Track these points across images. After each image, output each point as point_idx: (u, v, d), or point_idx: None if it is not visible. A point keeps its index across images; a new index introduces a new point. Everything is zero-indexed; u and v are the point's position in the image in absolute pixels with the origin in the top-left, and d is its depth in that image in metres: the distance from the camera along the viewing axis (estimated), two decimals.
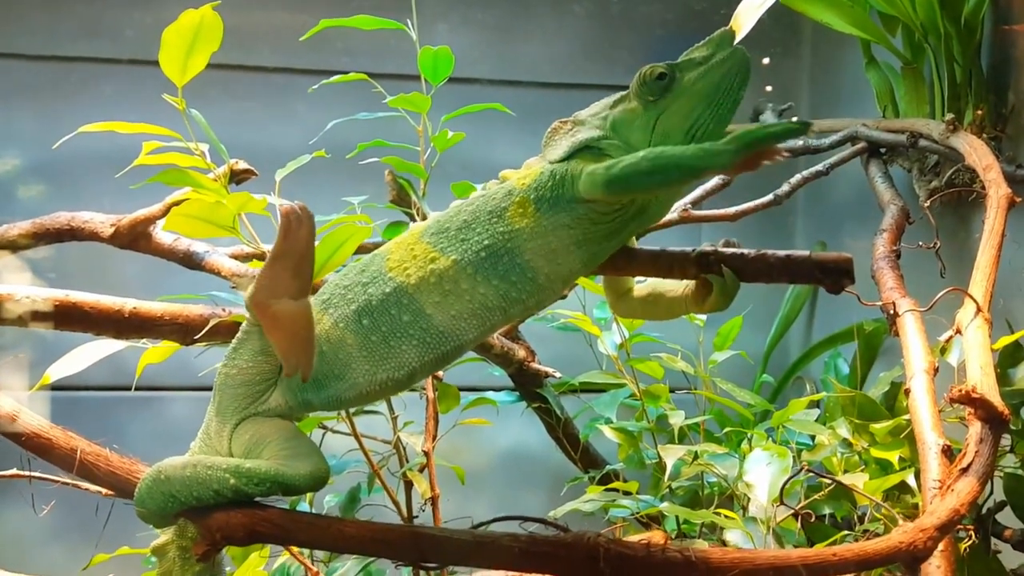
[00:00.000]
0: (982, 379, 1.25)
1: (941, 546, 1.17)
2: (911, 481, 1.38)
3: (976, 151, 1.78)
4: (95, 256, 1.97)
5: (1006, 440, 1.58)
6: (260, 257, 1.59)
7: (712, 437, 1.86)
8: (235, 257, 1.71)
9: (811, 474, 1.39)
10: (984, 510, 1.56)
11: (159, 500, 0.98)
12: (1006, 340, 1.49)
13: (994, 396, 1.20)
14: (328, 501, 1.85)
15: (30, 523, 1.64)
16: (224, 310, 1.41)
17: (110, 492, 1.03)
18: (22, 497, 1.32)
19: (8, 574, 1.33)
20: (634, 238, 1.10)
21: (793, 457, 1.70)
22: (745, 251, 0.98)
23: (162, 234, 1.78)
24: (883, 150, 2.20)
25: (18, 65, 2.41)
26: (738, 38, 1.87)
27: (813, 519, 1.53)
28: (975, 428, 1.18)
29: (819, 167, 2.17)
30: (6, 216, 2.05)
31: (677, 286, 1.09)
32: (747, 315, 2.73)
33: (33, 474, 1.11)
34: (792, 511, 1.52)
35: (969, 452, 1.14)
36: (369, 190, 1.86)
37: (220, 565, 1.06)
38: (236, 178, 1.66)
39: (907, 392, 1.34)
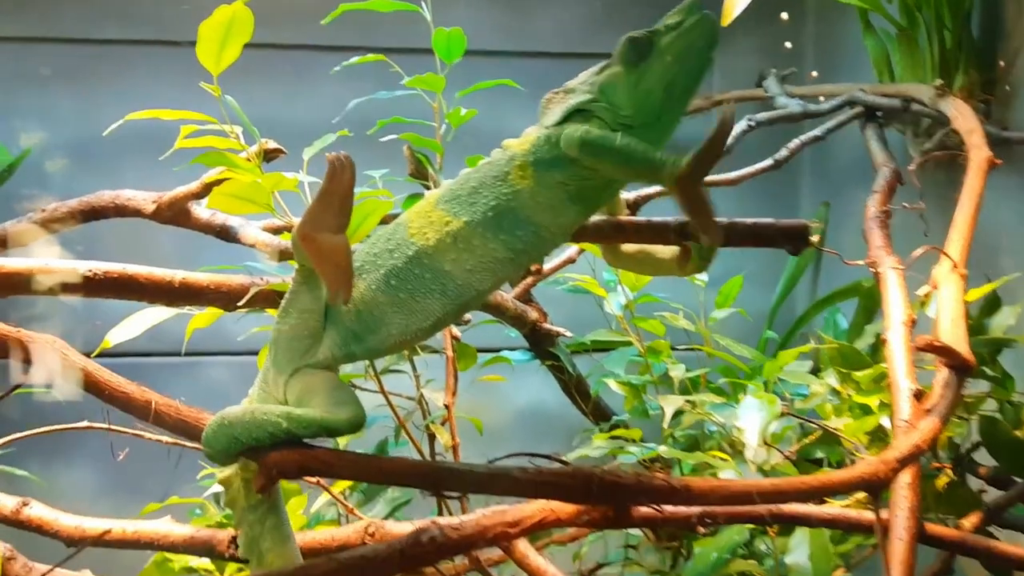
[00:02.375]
0: (951, 330, 1.37)
1: (908, 478, 1.30)
2: (886, 423, 1.51)
3: (962, 115, 1.89)
4: (131, 232, 2.10)
5: (986, 386, 1.71)
6: (290, 229, 1.73)
7: (716, 390, 1.99)
8: (267, 230, 1.84)
9: (793, 418, 1.52)
10: (963, 450, 1.68)
11: (223, 442, 1.14)
12: (976, 293, 1.60)
13: (961, 345, 1.32)
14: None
15: (92, 476, 1.81)
16: (262, 279, 1.55)
17: (174, 441, 1.18)
18: (84, 453, 1.48)
19: (77, 517, 1.49)
20: (625, 207, 1.23)
21: (787, 405, 1.84)
22: (719, 219, 1.10)
23: (200, 209, 1.92)
24: (879, 114, 2.30)
25: (58, 48, 2.53)
26: (733, 15, 1.98)
27: (805, 461, 1.67)
28: (942, 374, 1.30)
29: (816, 131, 2.27)
30: (50, 194, 2.20)
31: (664, 248, 1.22)
32: (753, 275, 2.84)
33: (108, 426, 1.26)
34: (784, 454, 1.65)
35: (934, 395, 1.27)
36: (389, 164, 1.97)
37: (278, 496, 1.22)
38: (267, 157, 1.79)
39: (884, 342, 1.46)
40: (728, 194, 2.63)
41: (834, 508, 1.35)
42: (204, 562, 1.66)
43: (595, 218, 1.25)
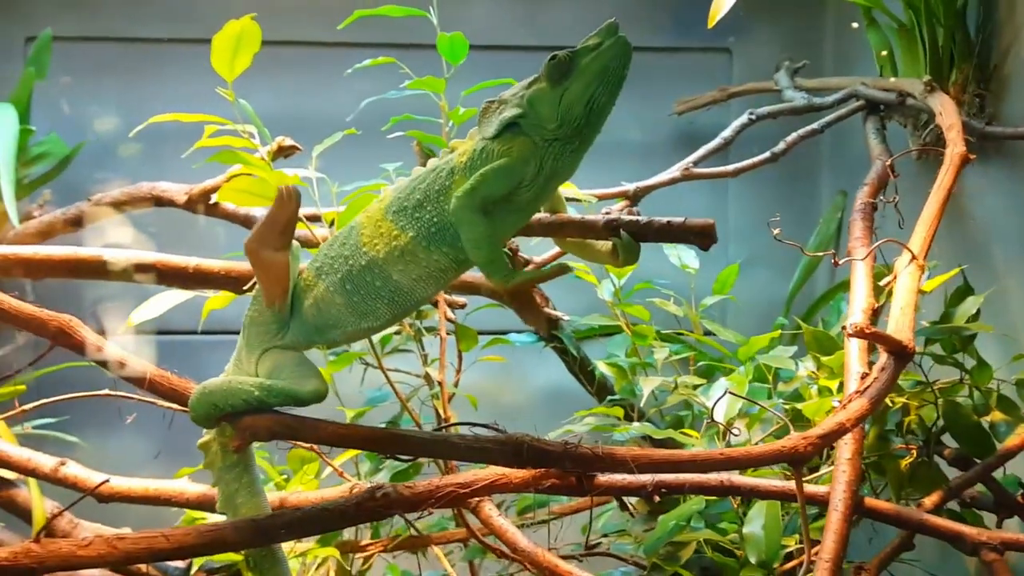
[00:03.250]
0: (899, 317, 1.46)
1: (848, 454, 1.40)
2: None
3: (945, 110, 1.95)
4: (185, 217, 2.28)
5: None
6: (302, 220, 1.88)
7: (709, 371, 2.08)
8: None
9: (746, 401, 1.62)
10: (932, 431, 1.76)
11: (205, 407, 1.30)
12: (933, 283, 1.68)
13: (903, 332, 1.41)
14: None
15: (140, 443, 1.98)
16: None
17: (172, 406, 1.35)
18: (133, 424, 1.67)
19: (122, 478, 1.68)
20: (565, 204, 1.35)
21: (769, 389, 1.94)
22: (639, 219, 1.21)
23: (226, 203, 2.09)
24: (882, 108, 2.36)
25: (103, 47, 2.72)
26: (717, 18, 2.06)
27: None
28: (882, 359, 1.40)
29: (815, 125, 2.34)
30: (98, 181, 2.40)
31: (602, 242, 1.34)
32: (772, 262, 2.92)
33: (117, 393, 1.43)
34: (767, 435, 1.76)
35: (869, 378, 1.36)
36: (402, 157, 2.10)
37: (251, 457, 1.38)
38: (283, 153, 1.95)
39: (843, 329, 1.55)
40: (749, 185, 2.73)
41: (781, 481, 1.45)
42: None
43: (537, 216, 1.37)
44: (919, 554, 1.72)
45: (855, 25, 2.55)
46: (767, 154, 2.29)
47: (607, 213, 1.29)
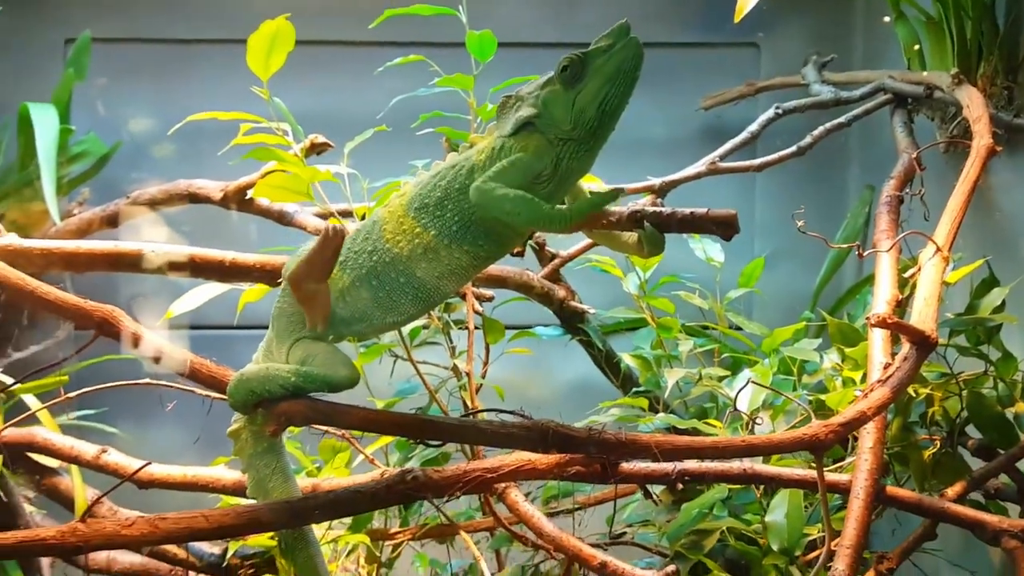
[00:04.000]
0: (923, 308, 1.48)
1: (870, 443, 1.42)
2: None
3: (972, 103, 1.95)
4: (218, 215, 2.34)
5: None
6: (333, 215, 1.93)
7: (736, 363, 2.10)
8: (318, 215, 2.05)
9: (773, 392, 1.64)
10: (956, 423, 1.77)
11: (242, 394, 1.35)
12: (957, 275, 1.69)
13: (925, 323, 1.42)
14: None
15: (180, 434, 2.04)
16: None
17: (210, 394, 1.40)
18: (173, 414, 1.72)
19: (161, 465, 1.73)
20: (588, 196, 1.37)
21: (794, 381, 1.95)
22: (662, 210, 1.24)
23: (261, 198, 2.14)
24: (910, 101, 2.36)
25: (140, 48, 2.78)
26: (744, 13, 2.08)
27: None
28: (905, 349, 1.41)
29: (841, 119, 2.34)
30: (135, 180, 2.46)
31: (628, 233, 1.36)
32: (799, 256, 2.92)
33: (158, 383, 1.48)
34: (791, 426, 1.77)
35: (891, 368, 1.38)
36: (430, 153, 2.14)
37: (281, 443, 1.42)
38: (316, 150, 2.00)
39: (867, 320, 1.57)
40: (776, 179, 2.74)
41: (804, 470, 1.47)
42: None
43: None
44: (942, 544, 1.73)
45: (887, 19, 2.55)
46: (793, 148, 2.30)
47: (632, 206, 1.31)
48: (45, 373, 1.65)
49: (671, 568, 1.55)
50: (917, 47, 2.35)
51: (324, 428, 1.87)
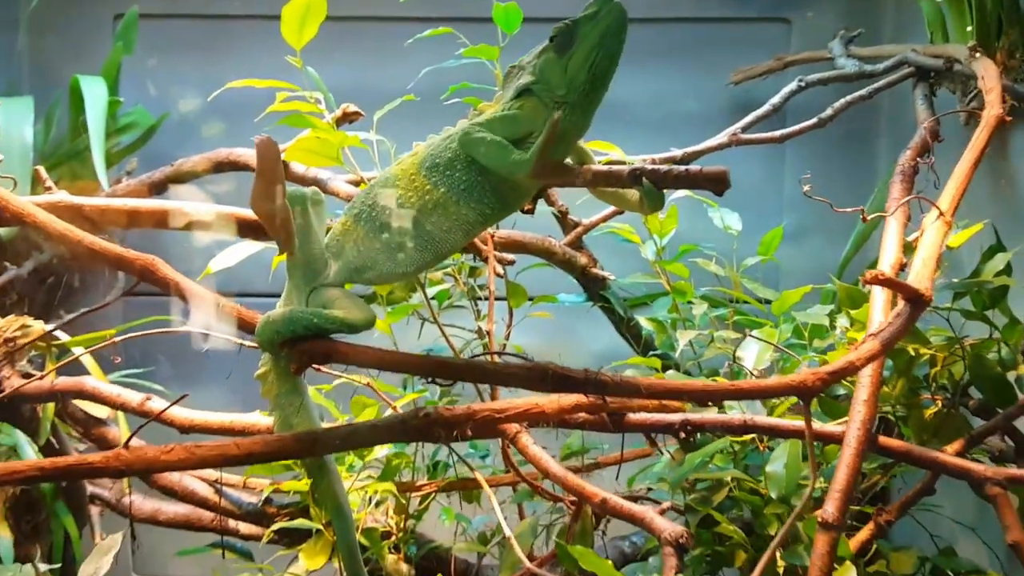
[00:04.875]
0: (921, 269, 1.53)
1: (865, 395, 1.49)
2: None
3: (987, 74, 1.99)
4: None
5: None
6: (365, 181, 2.03)
7: (751, 324, 2.16)
8: (350, 183, 2.15)
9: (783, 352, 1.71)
10: (959, 384, 1.83)
11: (268, 334, 1.46)
12: (960, 238, 1.73)
13: (920, 282, 1.48)
14: None
15: (222, 393, 2.17)
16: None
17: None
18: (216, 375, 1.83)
19: (186, 409, 1.86)
20: (592, 157, 1.45)
21: (805, 344, 2.02)
22: (659, 167, 1.31)
23: (296, 165, 2.25)
24: (931, 74, 2.39)
25: (183, 23, 2.91)
26: None
27: None
28: (899, 306, 1.47)
29: (863, 91, 2.38)
30: (182, 149, 2.58)
31: (631, 191, 1.44)
32: (827, 230, 2.96)
33: (194, 329, 1.60)
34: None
35: (884, 322, 1.44)
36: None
37: (303, 384, 1.54)
38: (348, 119, 2.10)
39: (861, 278, 1.62)
40: (805, 153, 2.79)
41: (800, 422, 1.54)
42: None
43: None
44: (940, 501, 1.79)
45: None
46: (814, 120, 2.35)
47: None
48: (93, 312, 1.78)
49: (666, 504, 1.63)
50: (926, 18, 2.37)
51: (356, 382, 1.99)
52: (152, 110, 2.84)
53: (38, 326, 1.92)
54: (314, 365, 1.45)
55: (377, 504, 2.15)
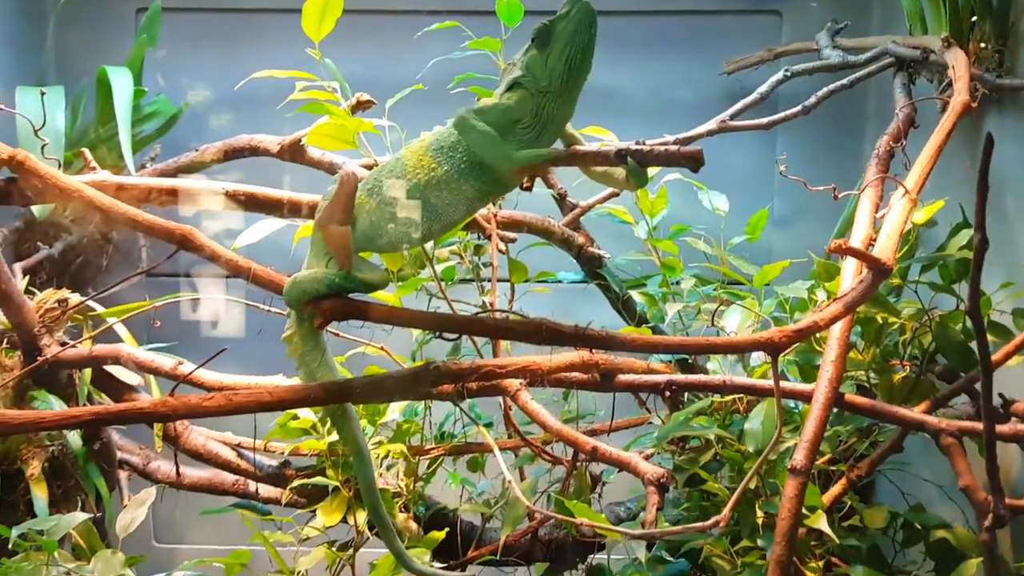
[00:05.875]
0: (884, 241, 1.68)
1: (833, 355, 1.64)
2: None
3: (957, 63, 2.13)
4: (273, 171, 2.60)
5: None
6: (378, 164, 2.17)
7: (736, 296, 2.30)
8: (364, 167, 2.30)
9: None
10: (927, 352, 1.98)
11: (295, 293, 1.64)
12: (926, 214, 1.88)
13: (885, 253, 1.63)
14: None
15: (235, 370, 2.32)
16: None
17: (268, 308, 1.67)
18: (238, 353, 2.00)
19: (214, 372, 2.01)
20: (581, 139, 1.62)
21: (788, 318, 2.17)
22: (642, 147, 1.46)
23: (313, 150, 2.40)
24: (909, 64, 2.52)
25: (204, 17, 3.04)
26: None
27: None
28: (863, 273, 1.62)
29: (844, 81, 2.51)
30: (204, 138, 2.72)
31: (619, 170, 1.60)
32: (817, 216, 3.09)
33: (229, 297, 1.76)
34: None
35: (848, 288, 1.59)
36: None
37: (325, 342, 1.72)
38: (361, 107, 2.24)
39: (827, 248, 1.76)
40: (795, 142, 2.92)
41: (771, 381, 1.69)
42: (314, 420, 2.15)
43: (558, 146, 1.64)
44: (917, 464, 1.93)
45: None
46: (798, 108, 2.48)
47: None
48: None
49: (650, 451, 1.79)
50: (905, 10, 2.50)
51: (372, 347, 2.15)
52: (173, 100, 2.99)
53: (75, 298, 2.08)
54: (335, 322, 1.60)
55: (389, 467, 2.30)
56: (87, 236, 2.82)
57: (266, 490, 2.39)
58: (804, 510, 1.56)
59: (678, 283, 2.19)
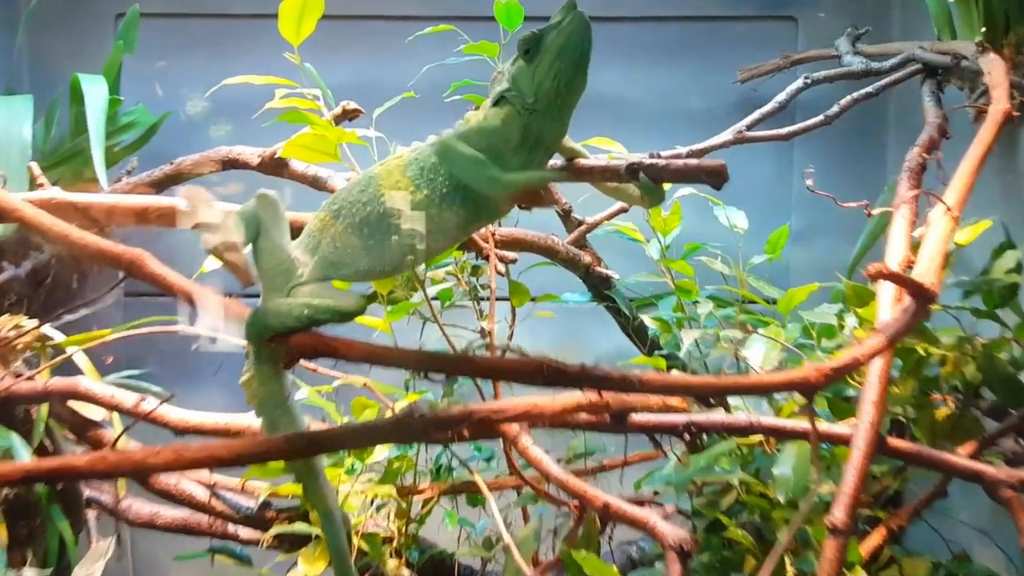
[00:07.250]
0: (927, 264, 1.50)
1: (874, 396, 1.45)
2: None
3: (993, 70, 1.95)
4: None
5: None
6: None
7: (759, 323, 2.12)
8: (349, 180, 2.12)
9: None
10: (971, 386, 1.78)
11: (258, 327, 1.43)
12: (967, 234, 1.70)
13: (926, 276, 1.44)
14: None
15: (221, 396, 2.14)
16: None
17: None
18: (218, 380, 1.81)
19: (181, 410, 1.83)
20: (586, 153, 1.43)
21: (814, 344, 1.98)
22: (657, 161, 1.28)
23: (296, 163, 2.22)
24: (939, 71, 2.35)
25: (187, 23, 2.90)
26: None
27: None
28: (904, 301, 1.44)
29: (869, 88, 2.35)
30: (184, 149, 2.56)
31: (632, 186, 1.41)
32: (837, 229, 2.92)
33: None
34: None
35: (890, 319, 1.41)
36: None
37: (287, 387, 1.53)
38: (348, 116, 2.07)
39: (864, 272, 1.58)
40: (814, 153, 2.76)
41: (806, 423, 1.50)
42: None
43: (557, 161, 1.48)
44: (954, 506, 1.74)
45: None
46: (820, 117, 2.32)
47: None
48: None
49: (671, 507, 1.60)
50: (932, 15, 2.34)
51: (357, 384, 1.97)
52: (153, 109, 2.82)
53: (32, 326, 1.89)
54: (303, 361, 1.42)
55: (378, 508, 2.12)
56: (58, 255, 2.64)
57: (247, 531, 2.21)
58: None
59: (695, 304, 2.01)
